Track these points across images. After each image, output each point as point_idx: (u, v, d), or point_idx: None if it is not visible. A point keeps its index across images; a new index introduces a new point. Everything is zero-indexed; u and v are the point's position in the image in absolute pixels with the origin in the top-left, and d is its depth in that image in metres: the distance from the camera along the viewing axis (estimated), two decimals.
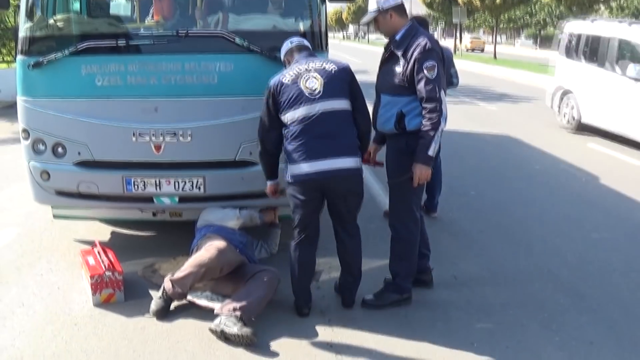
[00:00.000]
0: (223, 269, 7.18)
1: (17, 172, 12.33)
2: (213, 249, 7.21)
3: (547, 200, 12.12)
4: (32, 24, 8.15)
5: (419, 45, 6.84)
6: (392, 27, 7.13)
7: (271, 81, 6.83)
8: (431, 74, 6.74)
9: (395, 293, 7.39)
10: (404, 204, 7.30)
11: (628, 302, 7.71)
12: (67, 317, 7.11)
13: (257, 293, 6.90)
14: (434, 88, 6.77)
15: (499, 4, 59.61)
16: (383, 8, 7.08)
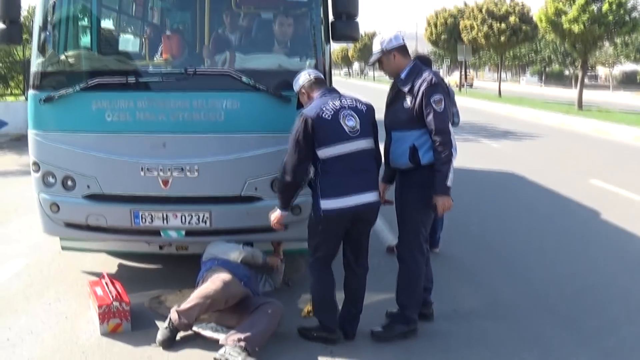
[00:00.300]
0: (228, 300, 7.31)
1: (25, 204, 12.59)
2: (219, 281, 7.34)
3: (548, 236, 12.22)
4: (44, 59, 8.32)
5: (424, 81, 7.07)
6: (396, 67, 7.37)
7: (308, 114, 6.89)
8: (439, 107, 6.97)
9: (403, 324, 7.48)
10: (414, 237, 7.45)
11: (625, 334, 7.84)
12: (75, 345, 7.25)
13: (261, 324, 7.03)
14: (443, 120, 7.01)
15: (504, 41, 59.76)
16: (387, 49, 7.34)
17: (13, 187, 16.15)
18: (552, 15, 42.23)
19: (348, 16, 8.14)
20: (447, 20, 72.69)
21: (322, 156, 6.93)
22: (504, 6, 61.45)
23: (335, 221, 7.05)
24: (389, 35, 7.47)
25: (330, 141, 6.90)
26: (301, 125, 6.86)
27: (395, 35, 7.45)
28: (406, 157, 7.24)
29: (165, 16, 10.88)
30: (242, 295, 7.55)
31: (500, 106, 49.15)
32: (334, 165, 6.92)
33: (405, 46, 7.52)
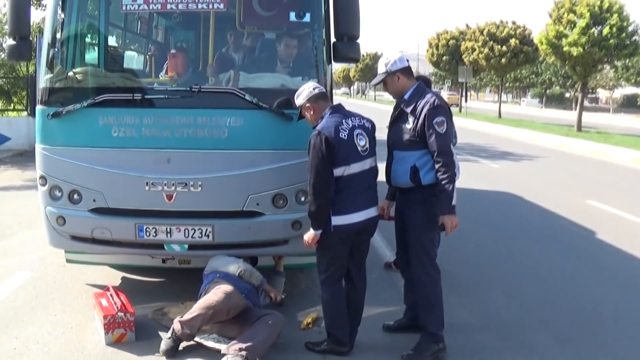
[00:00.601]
0: (230, 311, 7.49)
1: (28, 218, 12.79)
2: (220, 293, 7.53)
3: (543, 254, 12.39)
4: (52, 76, 8.47)
5: (427, 102, 7.21)
6: (401, 88, 7.56)
7: (327, 134, 7.03)
8: (441, 129, 7.10)
9: (432, 343, 7.49)
10: (425, 256, 7.57)
11: (616, 349, 8.05)
12: (81, 354, 7.42)
13: (262, 335, 7.22)
14: (445, 142, 7.14)
15: (504, 63, 59.91)
16: (391, 70, 7.52)
17: (16, 201, 16.33)
18: (552, 38, 42.39)
19: (349, 38, 8.26)
20: (449, 42, 72.81)
21: (337, 174, 7.09)
22: (505, 29, 61.60)
23: (345, 236, 7.28)
24: (393, 57, 7.63)
25: (347, 161, 7.10)
26: (322, 143, 6.99)
27: (400, 57, 7.60)
28: (407, 176, 7.38)
29: (171, 35, 11.05)
30: (243, 307, 7.71)
31: (500, 127, 49.24)
32: (347, 183, 7.13)
33: (410, 68, 7.69)
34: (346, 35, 8.27)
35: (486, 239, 13.62)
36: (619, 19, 40.60)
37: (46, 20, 8.73)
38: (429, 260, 7.61)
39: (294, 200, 8.29)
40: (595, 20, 41.32)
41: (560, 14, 43.22)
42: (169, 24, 10.87)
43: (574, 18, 41.91)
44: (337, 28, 8.32)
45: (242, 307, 7.71)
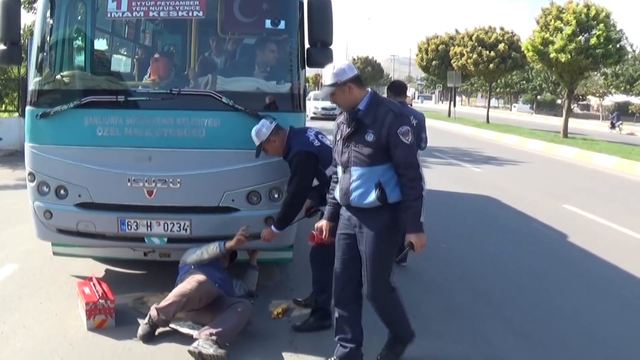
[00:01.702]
0: (202, 299, 7.96)
1: (18, 214, 13.18)
2: (194, 282, 7.99)
3: (514, 255, 12.74)
4: (41, 78, 8.89)
5: (390, 111, 6.64)
6: (353, 99, 6.83)
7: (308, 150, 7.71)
8: (407, 139, 6.56)
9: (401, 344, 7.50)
10: (382, 276, 7.07)
11: (572, 344, 8.35)
12: (63, 338, 7.87)
13: (231, 321, 7.67)
14: (412, 153, 6.62)
15: (492, 69, 59.95)
16: (341, 81, 6.77)
17: (6, 199, 16.66)
18: (539, 45, 42.54)
19: (322, 44, 8.59)
20: (438, 47, 72.69)
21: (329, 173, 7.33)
22: (493, 34, 61.70)
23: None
24: (342, 66, 6.87)
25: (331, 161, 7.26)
26: (307, 162, 7.41)
27: (349, 66, 6.90)
28: (373, 196, 6.71)
29: (157, 39, 11.49)
30: (215, 294, 8.16)
31: (487, 132, 49.09)
32: None
33: (360, 76, 7.02)
34: (319, 41, 8.60)
35: (459, 239, 13.90)
36: (606, 28, 40.75)
37: (36, 24, 9.11)
38: (385, 284, 7.16)
39: (267, 197, 8.67)
40: (582, 28, 41.44)
41: (547, 20, 43.26)
42: (155, 29, 11.30)
43: (560, 25, 42.10)
44: (310, 35, 8.65)
45: (214, 295, 8.14)
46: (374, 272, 7.01)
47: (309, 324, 8.12)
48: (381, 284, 7.08)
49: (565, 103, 49.53)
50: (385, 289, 7.14)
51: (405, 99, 11.29)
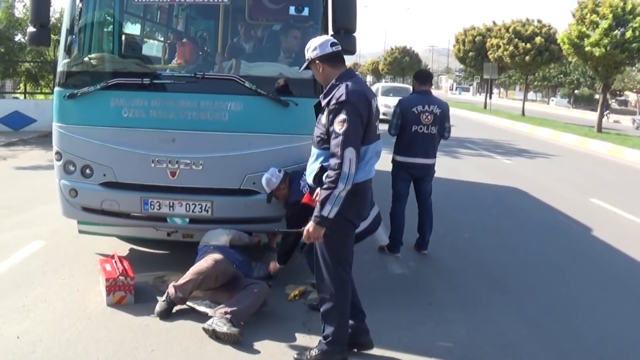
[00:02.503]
0: (218, 277, 8.12)
1: (47, 194, 13.38)
2: (210, 260, 8.16)
3: (535, 247, 12.73)
4: (69, 60, 9.09)
5: (334, 97, 6.49)
6: (324, 78, 6.78)
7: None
8: (339, 128, 6.34)
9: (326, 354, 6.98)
10: (325, 264, 6.87)
11: (585, 336, 8.37)
12: (83, 313, 8.06)
13: (246, 301, 7.81)
14: (338, 143, 6.33)
15: (528, 61, 59.68)
16: (310, 58, 6.78)
17: (37, 179, 17.05)
18: (575, 38, 42.27)
19: (346, 31, 8.61)
20: (475, 38, 72.29)
21: None
22: (530, 27, 61.32)
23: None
24: (315, 43, 6.78)
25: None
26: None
27: (322, 43, 6.74)
28: (311, 179, 6.85)
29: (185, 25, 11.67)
30: (232, 274, 8.32)
31: (521, 125, 48.91)
32: None
33: (334, 54, 6.75)
34: (343, 29, 8.62)
35: (482, 230, 13.93)
36: None
37: (66, 7, 9.30)
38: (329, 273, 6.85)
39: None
40: (618, 22, 41.09)
41: (583, 14, 42.97)
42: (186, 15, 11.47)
43: (596, 19, 41.81)
44: (334, 22, 8.70)
45: (230, 274, 8.30)
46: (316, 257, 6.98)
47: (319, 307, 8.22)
48: (320, 272, 6.94)
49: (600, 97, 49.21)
50: (323, 280, 6.92)
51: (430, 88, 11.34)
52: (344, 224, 6.73)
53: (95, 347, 7.15)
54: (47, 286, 8.95)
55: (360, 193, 6.71)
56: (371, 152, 6.75)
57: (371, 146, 6.73)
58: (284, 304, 8.71)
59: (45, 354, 6.97)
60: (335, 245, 6.81)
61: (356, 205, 6.75)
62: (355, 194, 6.56)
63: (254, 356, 7.17)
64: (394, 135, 11.19)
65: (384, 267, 10.55)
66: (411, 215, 11.53)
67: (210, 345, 7.33)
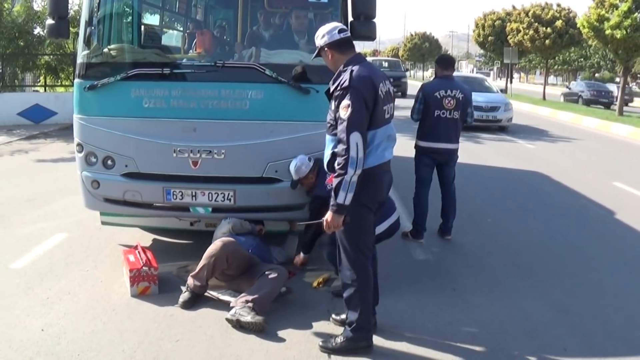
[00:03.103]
0: (229, 257, 8.12)
1: (69, 186, 13.45)
2: (218, 242, 8.21)
3: (559, 230, 12.69)
4: (89, 52, 9.08)
5: (340, 83, 6.52)
6: (334, 64, 6.81)
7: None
8: (344, 113, 6.35)
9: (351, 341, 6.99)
10: (344, 250, 6.93)
11: (609, 319, 8.31)
12: (107, 304, 8.09)
13: (266, 288, 7.81)
14: (343, 129, 6.35)
15: (549, 45, 59.40)
16: (319, 45, 6.84)
17: (59, 171, 17.12)
18: (594, 22, 42.04)
19: (366, 17, 8.59)
20: (495, 23, 72.04)
21: None
22: (550, 11, 61.07)
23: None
24: (323, 30, 6.83)
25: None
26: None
27: (329, 30, 6.78)
28: (326, 163, 6.91)
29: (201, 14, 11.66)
30: (248, 259, 8.39)
31: (543, 109, 48.73)
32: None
33: (344, 40, 6.81)
34: (363, 14, 8.59)
35: (506, 214, 13.91)
36: None
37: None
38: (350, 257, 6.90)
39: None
40: (638, 4, 40.69)
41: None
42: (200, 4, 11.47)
43: (616, 1, 41.49)
44: (354, 8, 8.66)
45: (244, 257, 8.36)
46: (339, 237, 6.97)
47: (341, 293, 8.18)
48: (345, 255, 6.95)
49: (621, 81, 48.96)
50: (346, 265, 6.97)
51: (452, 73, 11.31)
52: (359, 208, 6.69)
53: (120, 338, 7.18)
54: (71, 278, 8.99)
55: (373, 177, 6.71)
56: (381, 135, 6.74)
57: (379, 130, 6.71)
58: (308, 291, 8.73)
59: (70, 345, 6.99)
60: (353, 231, 6.82)
61: (370, 189, 6.74)
62: (368, 179, 6.59)
63: (278, 344, 7.17)
64: (417, 121, 11.18)
65: (407, 253, 10.55)
66: (434, 200, 11.50)
67: (235, 334, 7.33)
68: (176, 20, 12.56)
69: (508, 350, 7.29)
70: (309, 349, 7.08)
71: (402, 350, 7.17)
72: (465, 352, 7.18)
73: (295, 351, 7.03)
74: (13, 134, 24.70)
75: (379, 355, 7.00)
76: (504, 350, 7.27)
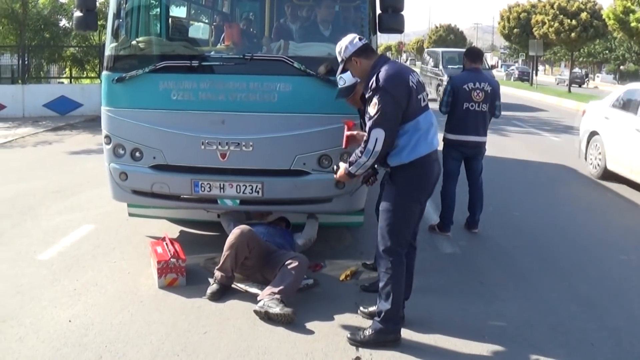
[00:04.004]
0: (249, 244, 8.18)
1: (96, 178, 13.55)
2: (236, 231, 8.23)
3: (586, 225, 12.64)
4: (117, 44, 9.12)
5: (369, 85, 6.72)
6: (364, 71, 6.99)
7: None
8: (372, 112, 6.61)
9: (380, 334, 7.06)
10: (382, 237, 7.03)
11: (636, 314, 8.28)
12: (134, 295, 8.14)
13: (289, 278, 7.86)
14: (370, 125, 6.66)
15: (574, 38, 59.14)
16: (346, 57, 7.06)
17: (85, 163, 17.24)
18: (620, 14, 41.85)
19: (394, 10, 8.60)
20: (520, 15, 71.92)
21: None
22: (575, 3, 60.89)
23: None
24: (344, 42, 7.08)
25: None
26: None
27: (350, 41, 7.04)
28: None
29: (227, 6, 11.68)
30: (262, 245, 8.45)
31: (568, 102, 48.46)
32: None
33: (365, 46, 7.09)
34: (391, 7, 8.61)
35: (532, 208, 13.83)
36: None
37: None
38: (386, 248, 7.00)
39: (339, 160, 8.57)
40: None
41: None
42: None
43: None
44: (382, 1, 8.67)
45: (261, 244, 8.43)
46: (381, 225, 7.08)
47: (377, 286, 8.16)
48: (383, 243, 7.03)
49: None
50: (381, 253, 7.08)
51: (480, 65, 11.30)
52: (410, 203, 6.96)
53: (148, 330, 7.23)
54: (98, 269, 9.06)
55: (425, 167, 6.90)
56: (424, 122, 6.86)
57: (420, 117, 6.84)
58: (336, 284, 8.75)
59: (98, 337, 7.05)
60: (396, 221, 6.92)
61: (423, 181, 6.95)
62: (421, 170, 6.86)
63: (306, 336, 7.19)
64: (445, 114, 11.21)
65: (434, 247, 10.55)
66: (460, 194, 11.48)
67: (262, 326, 7.37)
68: (202, 12, 12.59)
69: (535, 344, 7.26)
70: (337, 341, 7.10)
71: (430, 344, 7.17)
72: (493, 346, 7.17)
73: (323, 343, 7.05)
74: (39, 125, 24.87)
75: (407, 349, 7.00)
76: (532, 345, 7.25)
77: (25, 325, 7.33)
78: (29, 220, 11.61)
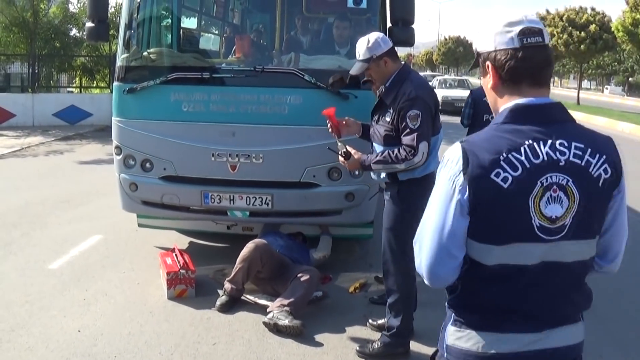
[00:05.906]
0: (262, 258, 8.21)
1: (105, 188, 13.55)
2: (250, 244, 8.28)
3: None
4: (128, 55, 9.17)
5: (404, 94, 6.52)
6: (386, 74, 6.80)
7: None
8: (414, 124, 6.41)
9: (389, 347, 7.06)
10: (392, 253, 7.00)
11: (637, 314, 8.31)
12: (144, 306, 8.17)
13: (300, 291, 7.86)
14: (413, 138, 6.40)
15: (583, 50, 59.12)
16: (376, 55, 6.71)
17: (95, 172, 17.33)
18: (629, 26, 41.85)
19: (404, 23, 8.60)
20: None
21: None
22: (584, 15, 60.85)
23: None
24: (376, 39, 6.75)
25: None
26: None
27: (383, 38, 6.83)
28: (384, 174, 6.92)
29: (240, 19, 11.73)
30: (279, 259, 8.47)
31: (577, 114, 48.37)
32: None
33: (394, 48, 6.95)
34: (401, 20, 8.61)
35: None
36: None
37: (123, 3, 9.41)
38: (396, 263, 6.98)
39: (348, 173, 8.66)
40: None
41: (637, 1, 42.50)
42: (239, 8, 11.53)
43: None
44: (392, 13, 8.68)
45: (275, 257, 8.45)
46: (383, 246, 7.07)
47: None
48: (386, 260, 7.06)
49: None
50: (391, 269, 7.06)
51: None
52: (416, 214, 6.57)
53: (157, 341, 7.25)
54: (107, 280, 9.09)
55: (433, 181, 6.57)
56: (440, 140, 6.94)
57: (440, 135, 6.92)
58: (345, 296, 8.75)
59: (107, 347, 7.07)
60: (403, 235, 6.72)
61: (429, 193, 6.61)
62: (430, 182, 6.29)
63: (315, 349, 7.20)
64: (466, 126, 11.24)
65: None
66: None
67: (271, 338, 7.38)
68: (213, 24, 12.63)
69: None
70: (346, 354, 7.11)
71: None
72: None
73: (332, 356, 7.07)
74: (49, 134, 24.98)
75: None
76: None
77: (35, 334, 7.36)
78: (38, 229, 11.66)
